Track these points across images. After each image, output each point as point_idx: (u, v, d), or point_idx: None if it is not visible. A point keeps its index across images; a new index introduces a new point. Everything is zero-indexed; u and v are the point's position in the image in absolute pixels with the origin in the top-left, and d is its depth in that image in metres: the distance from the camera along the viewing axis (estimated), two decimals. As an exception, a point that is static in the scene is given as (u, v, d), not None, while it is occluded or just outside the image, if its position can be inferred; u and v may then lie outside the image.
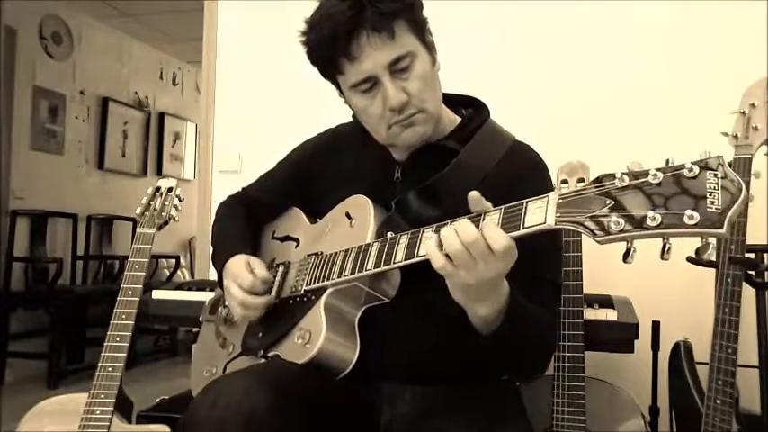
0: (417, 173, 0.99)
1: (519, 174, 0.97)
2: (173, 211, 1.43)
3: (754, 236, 1.43)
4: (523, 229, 0.71)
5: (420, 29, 0.95)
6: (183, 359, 4.12)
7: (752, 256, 1.36)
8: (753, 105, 1.32)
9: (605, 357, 1.68)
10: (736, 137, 1.34)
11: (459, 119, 1.06)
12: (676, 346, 1.48)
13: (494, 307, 0.81)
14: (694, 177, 0.58)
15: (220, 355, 1.13)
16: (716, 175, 0.57)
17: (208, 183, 2.33)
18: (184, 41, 4.46)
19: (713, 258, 1.29)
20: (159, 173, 4.86)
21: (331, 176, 1.12)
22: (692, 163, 0.59)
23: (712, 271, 1.40)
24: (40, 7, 3.89)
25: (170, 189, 1.46)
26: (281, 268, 1.10)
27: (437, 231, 0.80)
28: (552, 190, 0.71)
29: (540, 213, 0.70)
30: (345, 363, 0.92)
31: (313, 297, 0.97)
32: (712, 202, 0.56)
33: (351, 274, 0.91)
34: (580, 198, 0.66)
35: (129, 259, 1.37)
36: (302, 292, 1.00)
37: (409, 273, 0.91)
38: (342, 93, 1.00)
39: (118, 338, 1.30)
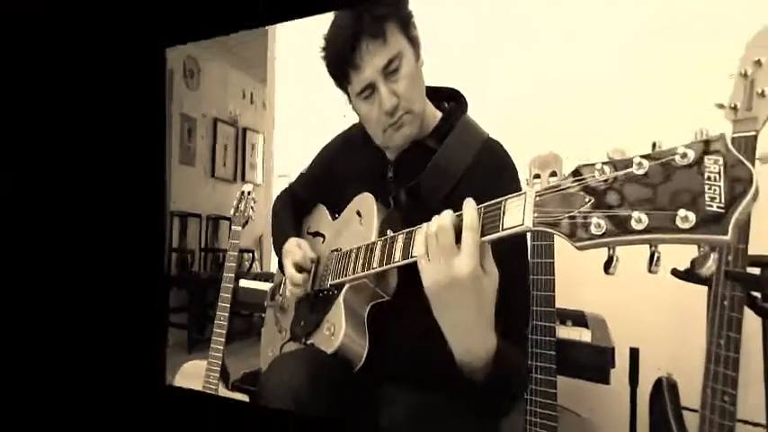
0: (406, 171, 0.90)
1: (488, 174, 0.85)
2: (250, 212, 1.54)
3: (759, 244, 0.85)
4: (502, 230, 0.53)
5: (406, 26, 0.85)
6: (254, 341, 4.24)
7: (756, 271, 0.84)
8: (758, 63, 0.79)
9: (579, 384, 1.15)
10: (734, 108, 0.82)
11: (440, 114, 0.93)
12: (658, 384, 1.00)
13: (477, 348, 0.70)
14: (688, 165, 0.38)
15: (277, 338, 1.09)
16: (716, 162, 0.36)
17: (270, 186, 2.32)
18: (259, 64, 4.71)
19: (713, 272, 0.82)
20: (243, 179, 5.16)
21: (343, 174, 1.03)
22: (686, 146, 0.38)
23: (704, 288, 0.92)
24: (183, 51, 4.40)
25: (249, 192, 1.56)
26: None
27: None
28: (518, 190, 0.54)
29: (517, 213, 0.51)
30: (358, 357, 0.83)
31: (336, 291, 0.89)
32: (712, 198, 0.35)
33: (361, 271, 0.82)
34: (559, 195, 0.47)
35: (228, 252, 1.49)
36: (328, 286, 0.92)
37: (408, 272, 0.78)
38: (351, 101, 0.92)
39: (221, 318, 1.43)
